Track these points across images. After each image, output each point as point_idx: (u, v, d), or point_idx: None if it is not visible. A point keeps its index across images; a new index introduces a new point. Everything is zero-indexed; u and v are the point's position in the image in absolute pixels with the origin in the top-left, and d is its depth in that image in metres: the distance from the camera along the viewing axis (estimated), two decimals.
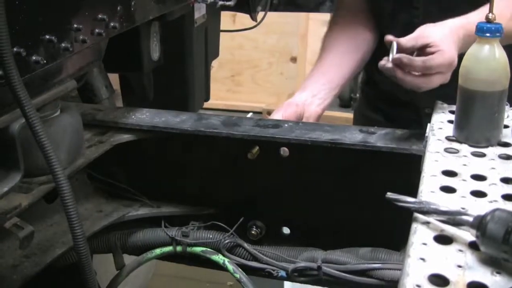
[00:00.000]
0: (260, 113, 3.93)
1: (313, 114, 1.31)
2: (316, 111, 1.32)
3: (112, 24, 0.99)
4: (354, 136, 1.10)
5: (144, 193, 1.27)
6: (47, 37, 0.83)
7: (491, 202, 0.74)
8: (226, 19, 1.98)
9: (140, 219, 1.25)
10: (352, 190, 1.14)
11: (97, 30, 0.95)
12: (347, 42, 1.38)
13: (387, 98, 1.47)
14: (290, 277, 1.15)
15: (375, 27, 1.41)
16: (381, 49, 1.42)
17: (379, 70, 1.05)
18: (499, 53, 0.89)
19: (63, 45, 0.87)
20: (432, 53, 1.03)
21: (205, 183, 1.25)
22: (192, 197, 1.27)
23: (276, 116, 1.26)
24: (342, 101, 3.91)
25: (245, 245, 1.19)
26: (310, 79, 1.36)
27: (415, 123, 1.25)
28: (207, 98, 1.84)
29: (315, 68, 1.39)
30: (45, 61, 0.83)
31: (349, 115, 3.64)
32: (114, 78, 1.56)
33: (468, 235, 0.66)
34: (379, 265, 1.08)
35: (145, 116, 1.23)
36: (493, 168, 0.84)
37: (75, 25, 0.90)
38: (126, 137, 1.20)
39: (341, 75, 1.36)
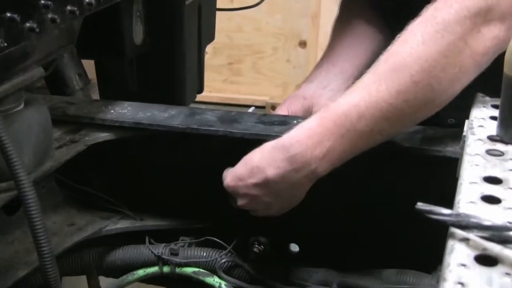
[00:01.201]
0: (263, 107, 3.92)
1: None
2: (327, 105, 1.31)
3: (87, 0, 0.98)
4: None
5: (125, 203, 1.26)
6: (9, 15, 0.82)
7: None
8: None
9: (120, 234, 1.24)
10: (373, 199, 1.14)
11: (69, 8, 0.95)
12: (360, 31, 1.39)
13: None
14: None
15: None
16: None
17: None
18: None
19: (27, 25, 0.86)
20: None
21: (198, 191, 1.25)
22: (182, 208, 1.27)
23: (280, 112, 1.26)
24: None
25: (246, 265, 1.19)
26: (318, 69, 1.36)
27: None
28: (200, 90, 1.83)
29: (323, 58, 1.40)
30: (5, 44, 0.82)
31: None
32: (89, 65, 1.56)
33: None
34: None
35: (126, 111, 1.23)
36: None
37: (43, 1, 0.89)
38: (103, 136, 1.19)
39: (354, 65, 1.36)
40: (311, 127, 0.97)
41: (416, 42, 0.92)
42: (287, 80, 4.14)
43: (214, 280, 1.18)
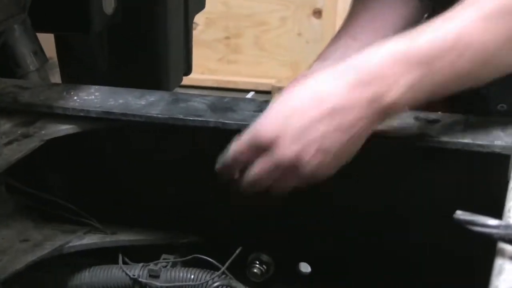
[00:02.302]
0: (268, 92, 3.93)
1: None
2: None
3: None
4: (407, 126, 1.09)
5: (92, 212, 1.26)
6: None
7: None
8: None
9: (86, 251, 1.24)
10: (403, 206, 1.14)
11: None
12: None
13: None
14: None
15: None
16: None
17: None
18: None
19: None
20: None
21: (183, 198, 1.25)
22: (164, 219, 1.27)
23: None
24: None
25: None
26: (334, 44, 1.36)
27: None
28: (188, 71, 1.84)
29: (341, 30, 1.40)
30: None
31: None
32: (47, 40, 1.55)
33: None
34: None
35: (93, 97, 1.23)
36: None
37: None
38: (64, 129, 1.19)
39: (381, 40, 1.36)
40: (396, 51, 0.96)
41: None
42: (298, 58, 4.14)
43: None
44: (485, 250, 0.74)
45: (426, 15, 1.49)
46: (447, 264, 1.11)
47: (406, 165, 1.11)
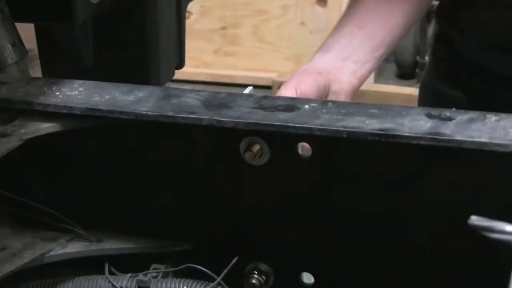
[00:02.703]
0: (268, 87, 3.93)
1: (346, 87, 1.32)
2: (350, 82, 1.33)
3: None
4: (419, 124, 1.09)
5: (76, 218, 1.26)
6: None
7: None
8: None
9: (69, 260, 1.24)
10: (414, 212, 1.13)
11: None
12: None
13: (474, 69, 1.47)
14: None
15: None
16: None
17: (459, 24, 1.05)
18: None
19: None
20: None
21: (176, 202, 1.25)
22: (154, 225, 1.27)
23: (287, 92, 1.25)
24: (401, 68, 3.90)
25: None
26: (338, 33, 1.37)
27: None
28: (180, 64, 1.84)
29: (345, 18, 1.40)
30: None
31: (412, 90, 3.64)
32: (27, 30, 1.55)
33: None
34: None
35: (77, 93, 1.23)
36: None
37: None
38: (46, 127, 1.19)
39: (386, 29, 1.37)
40: None
41: None
42: (300, 50, 4.14)
43: None
44: (495, 254, 0.74)
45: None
46: (464, 275, 1.11)
47: (421, 166, 1.11)
